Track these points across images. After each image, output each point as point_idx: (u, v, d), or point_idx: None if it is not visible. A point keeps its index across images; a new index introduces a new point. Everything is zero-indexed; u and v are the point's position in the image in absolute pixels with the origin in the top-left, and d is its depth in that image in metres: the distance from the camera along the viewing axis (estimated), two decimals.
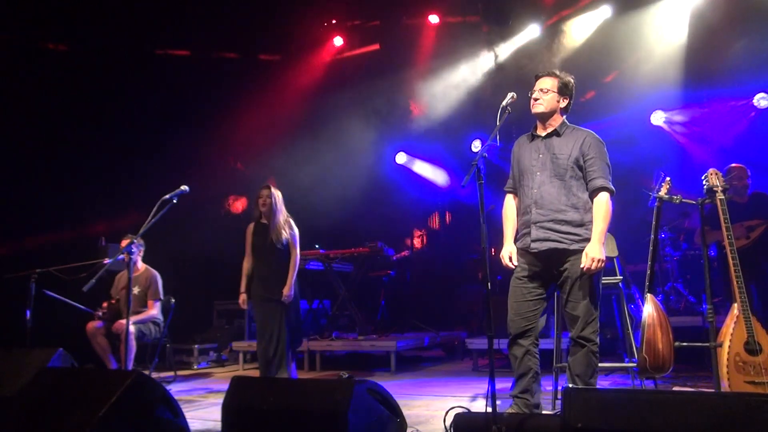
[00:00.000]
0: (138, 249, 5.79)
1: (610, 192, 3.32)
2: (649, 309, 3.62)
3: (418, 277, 8.56)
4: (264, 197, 5.10)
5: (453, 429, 2.94)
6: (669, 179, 3.88)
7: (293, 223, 5.19)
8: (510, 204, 3.61)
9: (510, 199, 3.62)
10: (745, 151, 6.62)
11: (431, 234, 9.78)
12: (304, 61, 8.82)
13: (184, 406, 2.95)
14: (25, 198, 6.70)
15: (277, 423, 2.73)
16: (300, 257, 7.02)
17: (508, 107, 3.37)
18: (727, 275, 4.33)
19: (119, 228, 5.97)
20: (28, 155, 6.86)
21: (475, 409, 3.27)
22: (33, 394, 2.67)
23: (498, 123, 3.38)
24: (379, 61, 8.65)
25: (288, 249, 5.11)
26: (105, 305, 5.63)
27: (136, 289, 5.74)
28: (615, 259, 4.44)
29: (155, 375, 5.99)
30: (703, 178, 3.69)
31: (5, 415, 2.61)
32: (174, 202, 3.98)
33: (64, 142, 7.10)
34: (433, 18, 8.33)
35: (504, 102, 3.38)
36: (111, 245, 6.72)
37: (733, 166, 5.28)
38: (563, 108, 3.47)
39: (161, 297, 5.88)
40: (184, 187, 4.17)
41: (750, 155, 6.29)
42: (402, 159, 9.44)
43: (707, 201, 3.68)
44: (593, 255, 3.18)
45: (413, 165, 9.49)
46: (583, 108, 7.81)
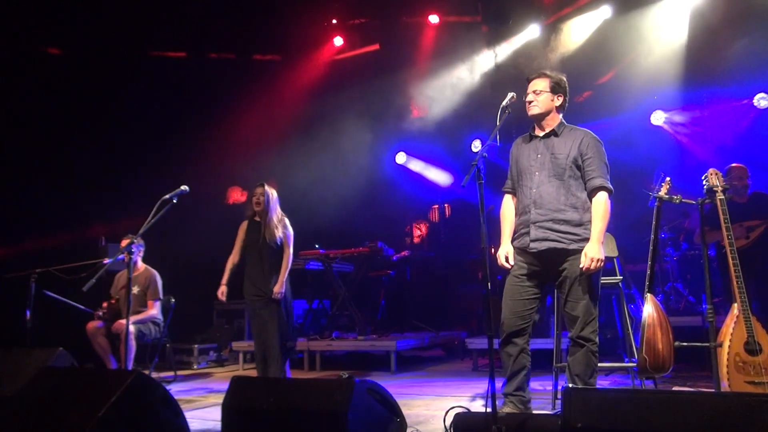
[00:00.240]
0: (138, 249, 5.80)
1: (608, 191, 3.33)
2: (649, 309, 3.62)
3: (418, 277, 8.55)
4: (258, 195, 5.00)
5: (453, 429, 2.94)
6: (669, 179, 3.88)
7: (288, 223, 5.09)
8: (508, 204, 3.62)
9: (508, 200, 3.63)
10: (746, 151, 6.61)
11: (432, 227, 9.78)
12: (304, 61, 8.84)
13: (184, 406, 2.95)
14: (25, 201, 6.71)
15: (277, 423, 2.73)
16: (300, 257, 7.09)
17: (508, 107, 3.38)
18: (727, 275, 4.34)
19: (119, 231, 5.97)
20: (27, 158, 6.87)
21: (475, 409, 3.27)
22: (33, 394, 2.67)
23: (498, 123, 3.38)
24: (379, 61, 8.66)
25: (281, 248, 5.01)
26: (105, 305, 5.63)
27: (135, 289, 5.74)
28: (615, 259, 4.44)
29: (155, 375, 6.00)
30: (703, 178, 3.69)
31: (5, 415, 2.61)
32: (174, 202, 3.97)
33: (62, 145, 7.12)
34: (433, 18, 8.35)
35: (504, 102, 3.39)
36: (111, 245, 6.74)
37: (734, 166, 5.28)
38: (559, 106, 3.48)
39: (161, 297, 5.88)
40: (184, 187, 4.16)
41: (750, 155, 6.28)
42: (402, 159, 9.44)
43: (707, 201, 3.68)
44: (592, 255, 3.19)
45: (413, 165, 9.48)
46: (583, 108, 7.82)
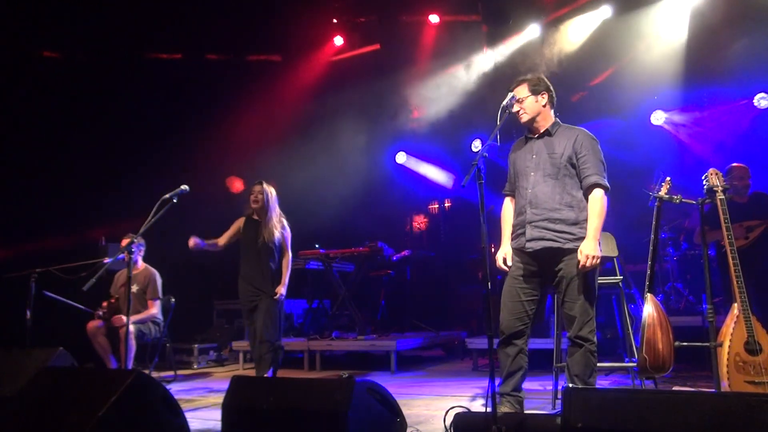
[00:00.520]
0: (139, 248, 5.80)
1: (604, 188, 3.32)
2: (649, 309, 3.62)
3: (418, 277, 8.54)
4: (256, 193, 4.90)
5: (453, 429, 2.94)
6: (669, 179, 3.88)
7: (286, 223, 5.00)
8: (508, 206, 3.64)
9: (508, 202, 3.65)
10: (746, 151, 6.61)
11: (432, 220, 9.77)
12: (304, 62, 8.84)
13: (184, 405, 2.95)
14: (26, 203, 6.72)
15: (277, 423, 2.73)
16: (300, 257, 7.09)
17: (508, 107, 3.39)
18: (726, 275, 4.34)
19: (119, 232, 5.96)
20: (27, 160, 6.88)
21: (475, 409, 3.27)
22: (33, 394, 2.67)
23: (498, 123, 3.39)
24: (380, 61, 8.66)
25: (279, 249, 4.92)
26: (105, 305, 5.63)
27: (134, 288, 5.73)
28: (615, 259, 4.44)
29: (155, 375, 5.99)
30: (704, 178, 3.69)
31: (5, 415, 2.61)
32: (174, 201, 3.97)
33: (63, 147, 7.13)
34: (434, 18, 8.34)
35: (504, 102, 3.40)
36: (111, 245, 6.74)
37: (734, 165, 5.28)
38: (546, 105, 3.47)
39: (160, 296, 5.87)
40: (184, 187, 4.16)
41: (750, 155, 6.28)
42: (402, 159, 9.44)
43: (707, 201, 3.68)
44: (588, 252, 3.18)
45: (413, 165, 9.48)
46: (583, 107, 7.82)
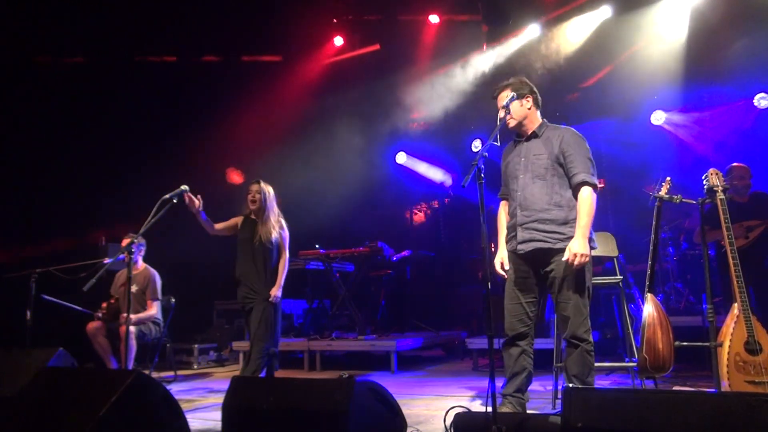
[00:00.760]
0: (139, 248, 5.80)
1: (592, 186, 3.30)
2: (650, 309, 3.62)
3: (418, 277, 8.54)
4: (253, 192, 4.84)
5: (453, 429, 2.94)
6: (669, 179, 3.88)
7: (284, 223, 4.93)
8: (502, 210, 3.66)
9: (503, 206, 3.67)
10: (746, 151, 6.61)
11: (433, 212, 9.76)
12: (304, 62, 8.84)
13: (184, 406, 2.95)
14: (26, 206, 6.73)
15: (277, 423, 2.73)
16: (300, 257, 7.08)
17: (508, 107, 3.39)
18: (726, 275, 4.33)
19: (119, 233, 5.97)
20: (27, 163, 6.89)
21: (475, 409, 3.27)
22: (33, 394, 2.66)
23: (498, 123, 3.39)
24: (380, 61, 8.65)
25: (277, 249, 4.84)
26: (104, 305, 5.63)
27: (134, 288, 5.73)
28: (615, 259, 4.44)
29: (155, 375, 6.00)
30: (704, 177, 3.68)
31: (5, 415, 2.61)
32: (174, 201, 3.97)
33: (61, 150, 7.14)
34: (434, 18, 8.34)
35: (504, 101, 3.40)
36: (111, 245, 6.74)
37: (735, 165, 5.28)
38: (531, 107, 3.47)
39: (159, 297, 5.87)
40: (184, 187, 4.16)
41: (750, 155, 6.28)
42: (402, 159, 9.44)
43: (707, 201, 3.68)
44: (576, 250, 3.17)
45: (413, 165, 9.48)
46: (583, 107, 7.83)
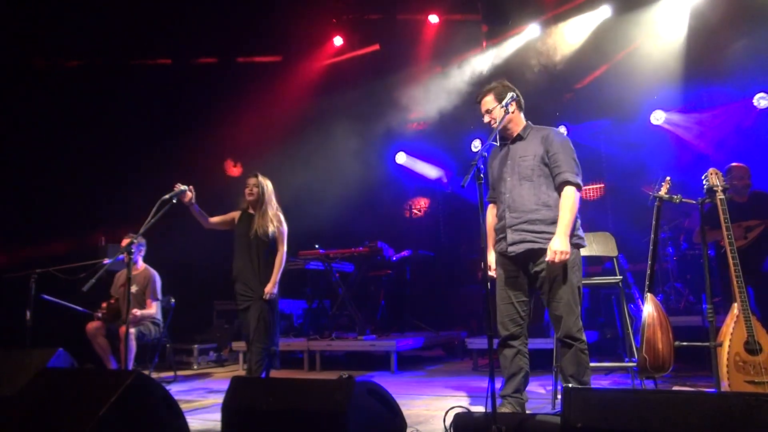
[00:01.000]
0: (139, 249, 5.80)
1: (576, 186, 3.33)
2: (649, 308, 3.62)
3: (418, 277, 8.54)
4: (251, 186, 4.74)
5: (453, 429, 2.94)
6: (669, 178, 3.88)
7: (282, 218, 4.80)
8: (491, 213, 3.67)
9: (491, 209, 3.69)
10: (746, 151, 6.61)
11: (433, 203, 9.76)
12: (304, 62, 8.84)
13: (184, 406, 2.95)
14: (25, 208, 6.73)
15: (277, 423, 2.73)
16: (300, 257, 7.07)
17: (508, 106, 3.39)
18: (725, 275, 4.33)
19: (119, 234, 5.97)
20: (27, 166, 6.89)
21: (475, 409, 3.27)
22: (33, 394, 2.66)
23: (498, 122, 3.39)
24: (379, 61, 8.65)
25: (273, 244, 4.71)
26: (104, 305, 5.63)
27: (134, 288, 5.73)
28: (614, 259, 4.44)
29: (155, 375, 6.00)
30: (704, 177, 3.68)
31: (5, 415, 2.61)
32: (174, 201, 3.97)
33: (61, 151, 7.13)
34: (433, 18, 8.34)
35: (504, 101, 3.40)
36: (111, 245, 6.74)
37: (734, 165, 5.27)
38: (514, 110, 3.47)
39: (159, 297, 5.87)
40: (183, 187, 4.16)
41: (750, 155, 6.28)
42: (402, 159, 9.44)
43: (707, 200, 3.68)
44: (556, 248, 3.19)
45: (413, 164, 9.48)
46: (583, 107, 7.83)
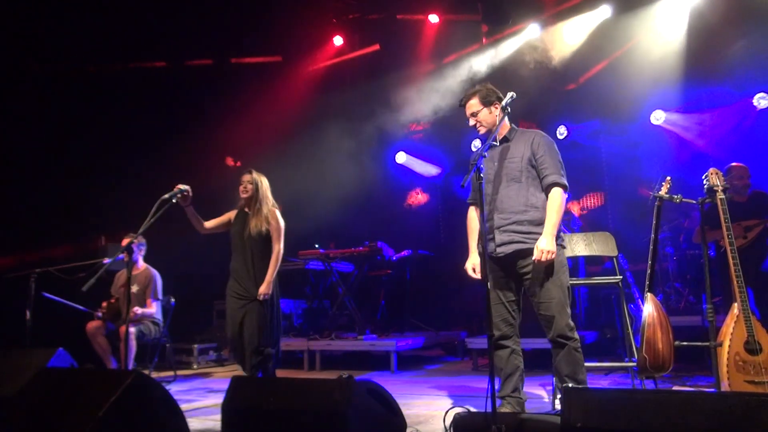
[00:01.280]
0: (139, 248, 5.80)
1: (563, 187, 3.37)
2: (649, 308, 3.62)
3: (418, 277, 8.54)
4: (245, 183, 4.61)
5: (453, 429, 2.94)
6: (669, 178, 3.88)
7: (279, 215, 4.64)
8: (472, 216, 3.68)
9: (472, 211, 3.69)
10: (746, 151, 6.61)
11: (432, 196, 9.75)
12: (304, 62, 8.84)
13: (183, 406, 2.95)
14: (26, 210, 6.72)
15: (277, 423, 2.73)
16: (300, 257, 7.06)
17: (508, 106, 3.39)
18: (725, 275, 4.33)
19: (119, 236, 5.97)
20: (27, 168, 6.90)
21: (475, 409, 3.27)
22: (33, 394, 2.66)
23: (498, 122, 3.39)
24: (379, 61, 8.66)
25: (270, 243, 4.57)
26: (104, 305, 5.63)
27: (134, 288, 5.74)
28: (614, 259, 4.44)
29: (155, 375, 6.00)
30: (704, 177, 3.69)
31: (5, 415, 2.61)
32: (173, 201, 3.97)
33: (61, 152, 7.13)
34: (433, 17, 8.34)
35: (504, 101, 3.40)
36: (111, 245, 6.75)
37: (734, 165, 5.28)
38: (499, 113, 3.47)
39: (159, 297, 5.87)
40: (183, 187, 4.16)
41: (750, 154, 6.28)
42: (402, 158, 9.44)
43: (707, 200, 3.68)
44: (542, 247, 3.21)
45: (413, 164, 9.48)
46: (582, 106, 7.83)
